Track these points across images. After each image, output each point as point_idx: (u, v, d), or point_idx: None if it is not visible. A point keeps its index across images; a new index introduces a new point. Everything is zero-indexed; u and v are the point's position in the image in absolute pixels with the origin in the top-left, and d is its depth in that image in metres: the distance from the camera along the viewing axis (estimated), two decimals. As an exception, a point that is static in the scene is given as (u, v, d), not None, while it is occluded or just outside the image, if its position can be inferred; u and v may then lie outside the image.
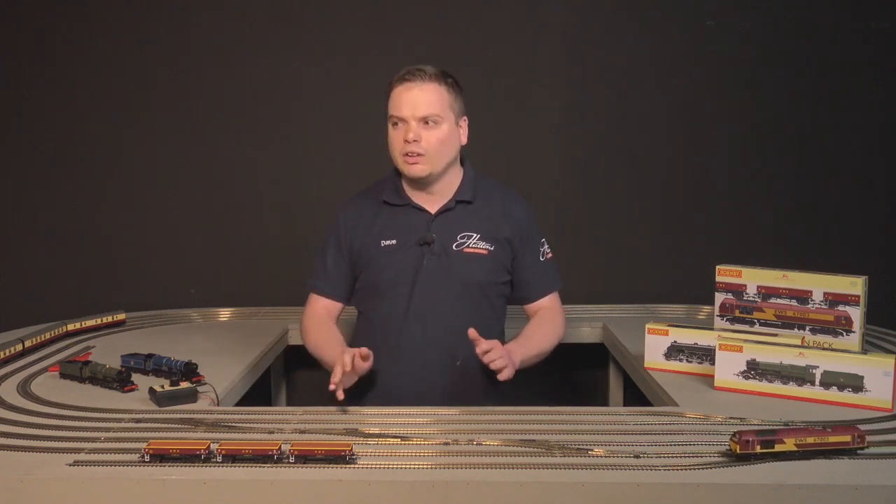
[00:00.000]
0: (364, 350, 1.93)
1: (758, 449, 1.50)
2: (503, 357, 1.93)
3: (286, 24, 2.96)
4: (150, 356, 2.11)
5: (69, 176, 3.02)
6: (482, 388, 2.13)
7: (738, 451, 1.50)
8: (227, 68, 2.98)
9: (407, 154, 2.05)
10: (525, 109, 3.00)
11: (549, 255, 2.23)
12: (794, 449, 1.51)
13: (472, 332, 1.93)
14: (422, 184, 2.12)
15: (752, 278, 2.18)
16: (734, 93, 2.98)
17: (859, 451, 1.54)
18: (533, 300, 2.24)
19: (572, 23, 2.96)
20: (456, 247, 2.12)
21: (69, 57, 2.97)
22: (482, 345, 1.92)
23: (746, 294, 2.19)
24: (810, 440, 1.52)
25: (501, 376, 1.93)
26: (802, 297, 2.12)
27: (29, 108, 3.00)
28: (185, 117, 3.00)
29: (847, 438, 1.53)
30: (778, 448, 1.51)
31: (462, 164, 2.20)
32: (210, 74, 2.98)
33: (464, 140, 2.14)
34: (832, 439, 1.53)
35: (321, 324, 2.17)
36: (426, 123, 2.04)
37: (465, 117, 2.14)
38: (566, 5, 2.96)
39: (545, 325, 2.20)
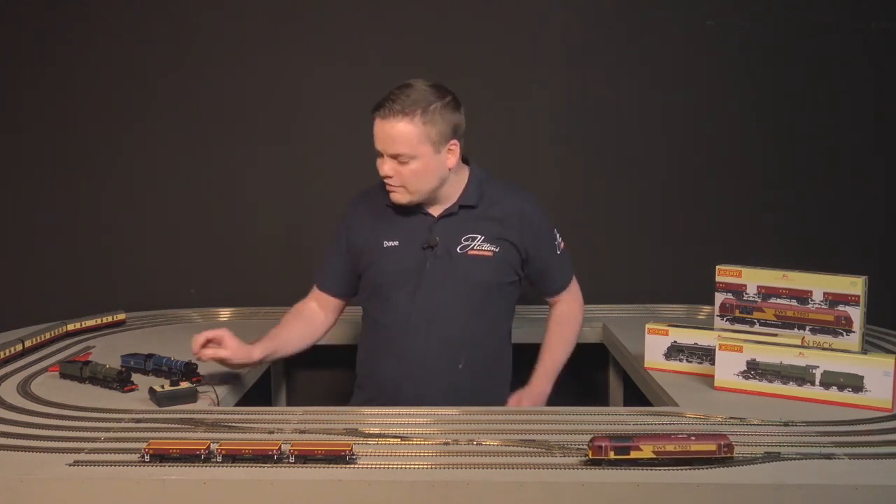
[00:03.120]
0: (213, 334, 1.97)
1: (611, 455, 1.48)
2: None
3: (287, 25, 2.96)
4: (150, 356, 2.11)
5: (69, 176, 3.02)
6: (485, 390, 2.13)
7: (590, 456, 1.49)
8: (227, 68, 2.98)
9: (386, 183, 2.07)
10: (524, 109, 3.00)
11: (563, 245, 2.23)
12: (653, 456, 1.49)
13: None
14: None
15: (752, 278, 2.18)
16: (734, 93, 2.98)
17: (726, 461, 1.49)
18: (556, 293, 2.27)
19: (572, 23, 2.96)
20: (460, 249, 2.10)
21: (69, 57, 2.97)
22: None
23: (746, 294, 2.19)
24: (670, 448, 1.49)
25: None
26: (802, 297, 2.12)
27: (29, 108, 3.00)
28: (185, 117, 3.00)
29: (712, 447, 1.49)
30: (634, 455, 1.48)
31: (468, 165, 2.17)
32: (211, 75, 2.98)
33: (451, 164, 2.06)
34: (695, 448, 1.49)
35: (287, 320, 2.20)
36: (398, 158, 2.01)
37: (455, 140, 2.04)
38: (566, 5, 2.96)
39: (563, 335, 2.28)
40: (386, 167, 2.03)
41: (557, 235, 2.22)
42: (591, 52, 2.98)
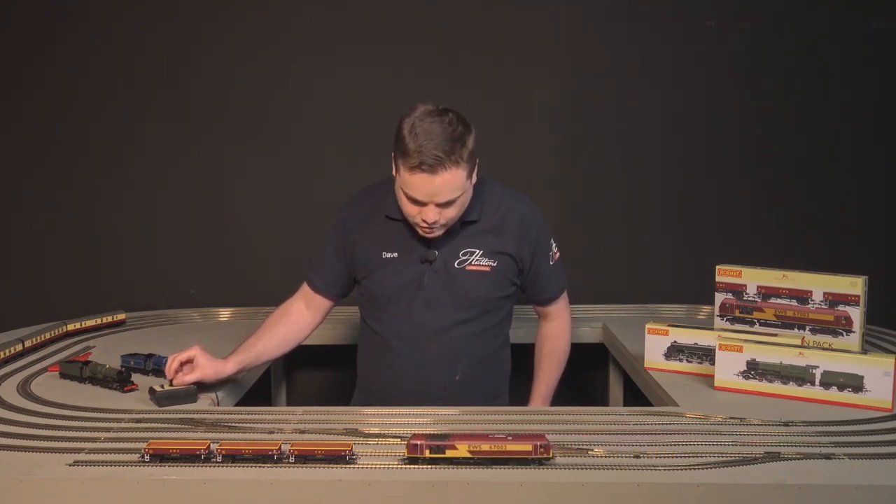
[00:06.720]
0: (186, 356, 1.95)
1: (427, 453, 1.49)
2: None
3: (287, 26, 2.96)
4: (150, 356, 2.11)
5: (69, 176, 3.02)
6: (482, 398, 2.11)
7: (406, 454, 1.50)
8: (228, 70, 2.98)
9: (421, 226, 1.98)
10: (525, 109, 2.99)
11: (557, 255, 2.19)
12: (468, 455, 1.49)
13: None
14: None
15: (752, 278, 2.18)
16: (734, 93, 2.98)
17: (543, 461, 1.49)
18: (546, 303, 2.23)
19: (572, 23, 2.96)
20: (458, 264, 2.06)
21: (71, 57, 2.97)
22: None
23: (746, 294, 2.19)
24: (485, 447, 1.49)
25: None
26: (802, 297, 2.12)
27: (29, 108, 3.00)
28: (185, 118, 3.00)
29: (527, 448, 1.49)
30: (449, 454, 1.49)
31: None
32: (211, 75, 2.98)
33: (474, 180, 2.00)
34: (511, 448, 1.49)
35: (268, 327, 2.15)
36: (445, 204, 1.94)
37: (476, 160, 1.97)
38: (566, 6, 2.96)
39: (556, 359, 2.28)
40: (431, 216, 1.92)
41: (553, 245, 2.18)
42: (590, 53, 2.98)
